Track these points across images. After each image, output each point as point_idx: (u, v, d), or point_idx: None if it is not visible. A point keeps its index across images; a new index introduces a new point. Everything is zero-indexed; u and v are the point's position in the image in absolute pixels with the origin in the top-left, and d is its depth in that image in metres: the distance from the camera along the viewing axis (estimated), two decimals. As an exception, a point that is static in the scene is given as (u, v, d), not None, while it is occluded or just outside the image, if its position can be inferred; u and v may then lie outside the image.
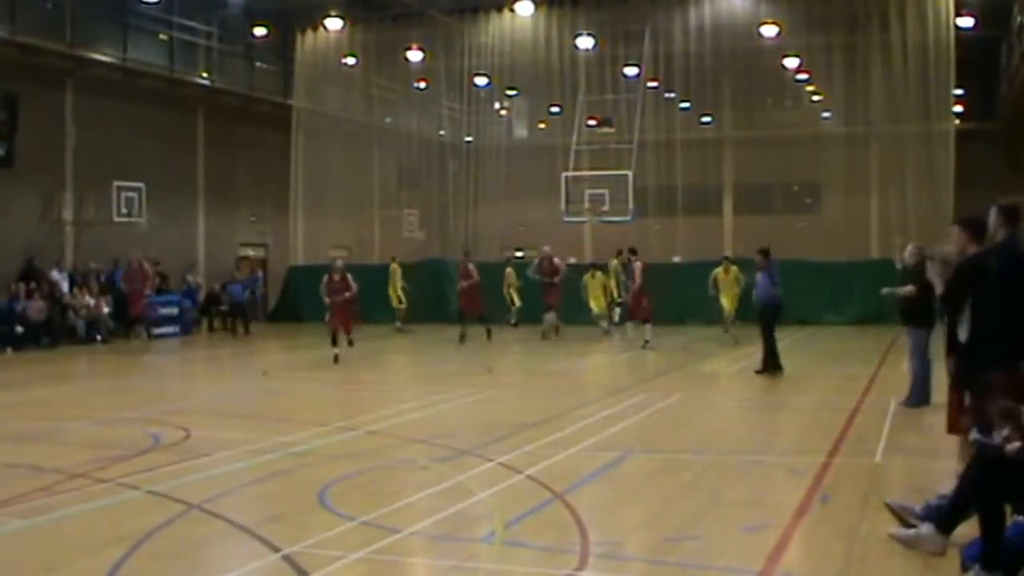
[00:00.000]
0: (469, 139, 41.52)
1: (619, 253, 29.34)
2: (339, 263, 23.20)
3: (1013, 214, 8.04)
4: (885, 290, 15.31)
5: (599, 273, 29.16)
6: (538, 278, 28.87)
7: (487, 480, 10.21)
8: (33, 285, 27.75)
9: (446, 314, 34.13)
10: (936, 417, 13.64)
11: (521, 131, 45.75)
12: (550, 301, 28.45)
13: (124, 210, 30.36)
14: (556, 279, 28.55)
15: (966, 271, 8.11)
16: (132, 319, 28.35)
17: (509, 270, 31.72)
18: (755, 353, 23.14)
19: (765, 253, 19.38)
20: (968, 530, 7.42)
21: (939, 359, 15.50)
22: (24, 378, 20.86)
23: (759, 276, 19.16)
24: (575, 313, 29.27)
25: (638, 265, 26.25)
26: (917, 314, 14.53)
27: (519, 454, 11.36)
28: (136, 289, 27.56)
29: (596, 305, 28.82)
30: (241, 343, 29.43)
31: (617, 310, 29.86)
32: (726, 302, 27.03)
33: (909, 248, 15.14)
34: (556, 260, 28.96)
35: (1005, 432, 7.09)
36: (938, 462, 10.83)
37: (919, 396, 14.50)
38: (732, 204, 41.54)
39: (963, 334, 7.83)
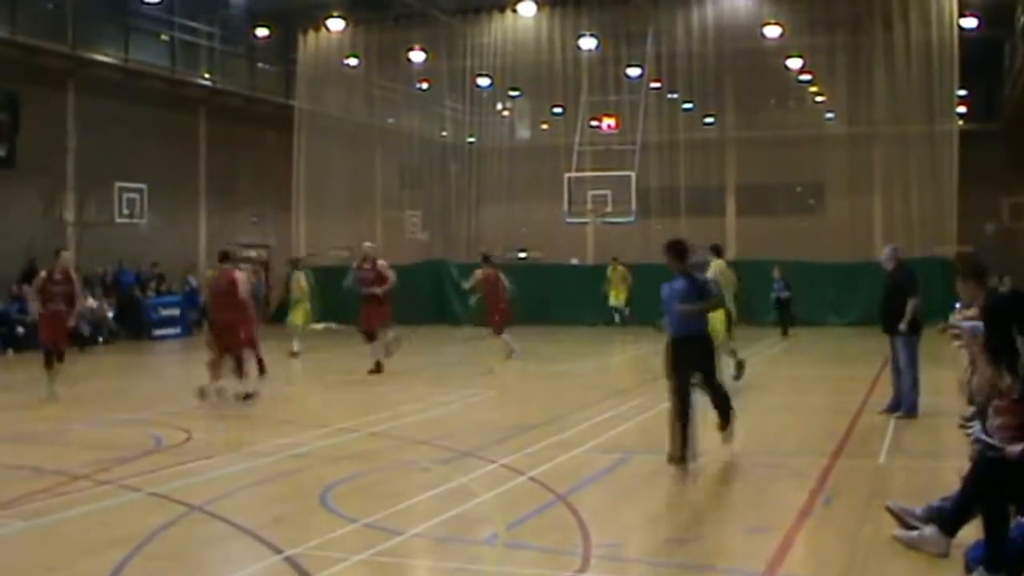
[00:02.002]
0: (471, 140, 41.50)
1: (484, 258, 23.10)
2: (243, 270, 17.36)
3: (981, 271, 8.08)
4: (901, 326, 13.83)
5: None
6: (355, 288, 20.35)
7: (489, 482, 10.18)
8: (34, 286, 27.71)
9: (448, 316, 34.14)
10: (940, 419, 13.64)
11: (524, 132, 45.69)
12: (371, 323, 20.02)
13: (126, 211, 30.27)
14: (380, 290, 19.94)
15: (1003, 310, 7.62)
16: (48, 354, 17.33)
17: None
18: (763, 352, 23.16)
19: (676, 250, 11.13)
20: (972, 531, 7.40)
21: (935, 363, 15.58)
22: (25, 379, 20.77)
23: (668, 287, 11.02)
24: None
25: (477, 273, 22.06)
26: (910, 322, 14.18)
27: (521, 456, 11.34)
28: (57, 312, 17.17)
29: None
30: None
31: None
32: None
33: (885, 251, 14.72)
34: (381, 263, 20.32)
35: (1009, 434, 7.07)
36: (942, 463, 10.79)
37: (911, 403, 14.25)
38: (735, 205, 41.45)
39: None
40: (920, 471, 10.94)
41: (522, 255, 39.17)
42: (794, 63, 37.65)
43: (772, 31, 35.39)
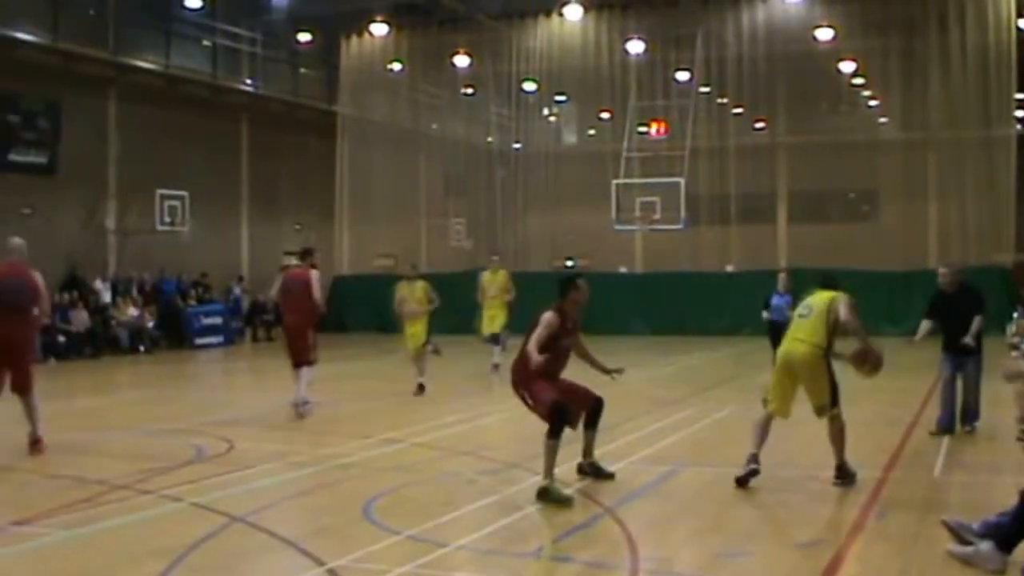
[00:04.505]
0: (517, 146, 41.31)
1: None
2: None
3: None
4: (966, 339, 13.31)
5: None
6: None
7: (535, 494, 10.03)
8: (76, 294, 27.80)
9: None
10: (998, 432, 13.31)
11: (570, 137, 45.53)
12: (18, 366, 12.36)
13: (167, 218, 30.34)
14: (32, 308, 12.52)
15: None
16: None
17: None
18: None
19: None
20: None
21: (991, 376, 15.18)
22: (67, 389, 20.88)
23: None
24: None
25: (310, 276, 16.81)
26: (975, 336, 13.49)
27: (567, 467, 11.12)
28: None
29: None
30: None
31: None
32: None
33: (942, 270, 13.90)
34: (37, 273, 12.62)
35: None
36: (999, 478, 10.55)
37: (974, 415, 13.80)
38: (786, 212, 40.96)
39: None
40: (976, 485, 10.70)
41: (569, 263, 38.96)
42: (847, 66, 37.19)
43: (824, 34, 34.97)
